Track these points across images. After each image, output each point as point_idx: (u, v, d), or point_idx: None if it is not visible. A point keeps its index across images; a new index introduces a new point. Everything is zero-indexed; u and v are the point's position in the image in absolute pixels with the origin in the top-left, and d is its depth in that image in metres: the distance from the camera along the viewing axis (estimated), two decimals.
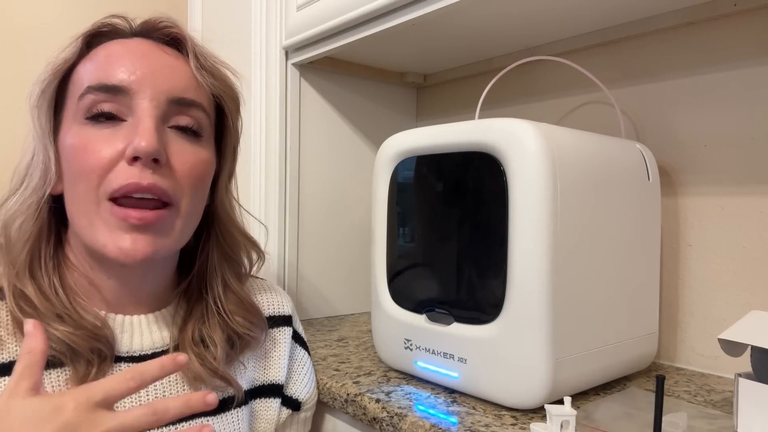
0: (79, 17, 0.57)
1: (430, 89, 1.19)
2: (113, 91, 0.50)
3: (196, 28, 1.26)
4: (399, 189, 0.72)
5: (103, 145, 0.50)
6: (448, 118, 1.15)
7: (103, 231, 0.50)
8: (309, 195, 1.04)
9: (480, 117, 0.66)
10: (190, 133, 0.54)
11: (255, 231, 1.05)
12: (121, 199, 0.49)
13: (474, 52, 1.01)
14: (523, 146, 0.57)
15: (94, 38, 0.55)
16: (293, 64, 1.01)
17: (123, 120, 0.51)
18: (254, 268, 0.66)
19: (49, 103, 0.53)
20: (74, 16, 1.19)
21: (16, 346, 0.50)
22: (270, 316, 0.67)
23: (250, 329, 0.60)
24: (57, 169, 0.53)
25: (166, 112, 0.52)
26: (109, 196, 0.49)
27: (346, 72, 1.08)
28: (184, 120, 0.53)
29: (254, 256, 0.66)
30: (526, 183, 0.57)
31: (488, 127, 0.60)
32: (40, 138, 0.53)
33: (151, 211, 0.50)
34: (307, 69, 1.03)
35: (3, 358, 0.50)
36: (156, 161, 0.50)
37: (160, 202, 0.51)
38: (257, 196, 1.03)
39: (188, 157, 0.53)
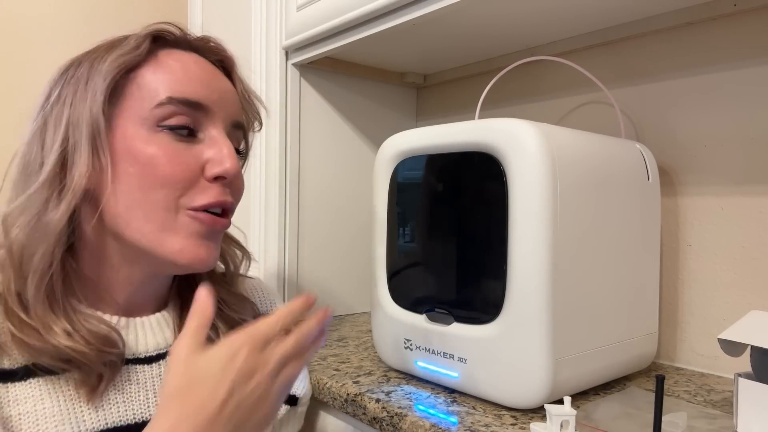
0: (81, 19, 0.56)
1: (430, 89, 1.19)
2: (194, 106, 0.52)
3: (196, 28, 1.26)
4: (399, 189, 0.72)
5: (186, 157, 0.51)
6: (448, 118, 1.15)
7: (179, 237, 0.51)
8: (309, 195, 1.04)
9: (480, 117, 0.66)
10: (242, 149, 0.59)
11: (255, 234, 1.05)
12: (202, 210, 0.52)
13: (474, 52, 1.01)
14: (523, 146, 0.57)
15: (154, 42, 0.54)
16: (293, 64, 1.01)
17: (196, 134, 0.53)
18: (242, 266, 0.66)
19: (106, 100, 0.50)
20: (76, 18, 1.19)
21: (23, 353, 0.48)
22: (262, 314, 0.67)
23: (241, 314, 0.62)
24: (113, 168, 0.50)
25: (228, 133, 0.55)
26: (190, 207, 0.51)
27: (346, 72, 1.08)
28: (236, 141, 0.57)
29: (239, 254, 0.66)
30: (526, 183, 0.57)
31: (488, 127, 0.60)
32: (100, 135, 0.50)
33: (225, 219, 0.54)
34: (307, 69, 1.03)
35: (12, 364, 0.48)
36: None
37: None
38: (257, 196, 1.03)
39: (241, 173, 0.57)
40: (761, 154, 0.72)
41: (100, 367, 0.50)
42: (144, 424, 0.51)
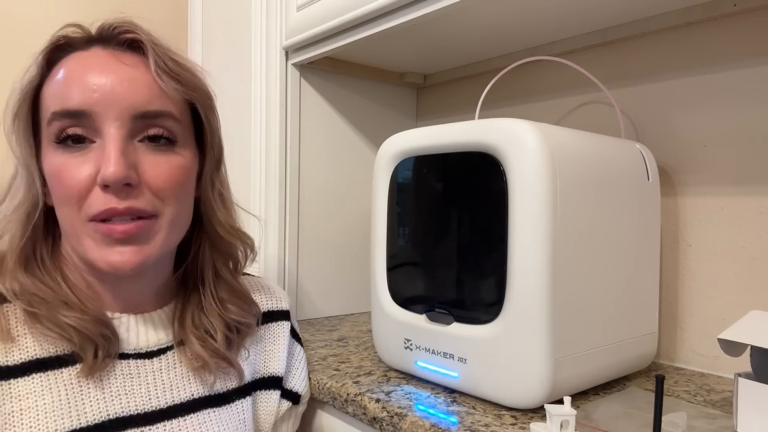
0: (79, 15, 0.56)
1: (430, 89, 1.19)
2: (76, 115, 0.50)
3: (196, 28, 1.26)
4: (399, 189, 0.72)
5: (76, 171, 0.50)
6: (448, 118, 1.15)
7: (92, 248, 0.51)
8: (309, 195, 1.04)
9: (480, 117, 0.66)
10: (163, 142, 0.53)
11: (255, 234, 1.05)
12: (98, 220, 0.51)
13: (474, 52, 1.01)
14: (522, 146, 0.57)
15: (54, 54, 0.54)
16: (293, 65, 1.01)
17: (92, 141, 0.51)
18: (248, 261, 0.67)
19: (25, 126, 0.53)
20: (74, 15, 1.19)
21: (29, 344, 0.51)
22: (268, 311, 0.68)
23: (242, 316, 0.62)
24: (42, 187, 0.53)
25: (132, 128, 0.51)
26: (90, 218, 0.50)
27: (346, 72, 1.08)
28: (153, 131, 0.53)
29: (247, 250, 0.66)
30: (526, 183, 0.57)
31: (488, 127, 0.60)
32: (21, 161, 0.53)
33: (133, 223, 0.51)
34: (307, 69, 1.03)
35: (15, 360, 0.50)
36: (128, 185, 0.50)
37: (139, 217, 0.52)
38: (257, 195, 1.03)
39: (162, 169, 0.53)
40: (761, 154, 0.72)
41: (98, 339, 0.52)
42: (145, 415, 0.54)
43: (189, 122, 0.57)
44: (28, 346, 0.51)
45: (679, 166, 0.80)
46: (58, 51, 0.54)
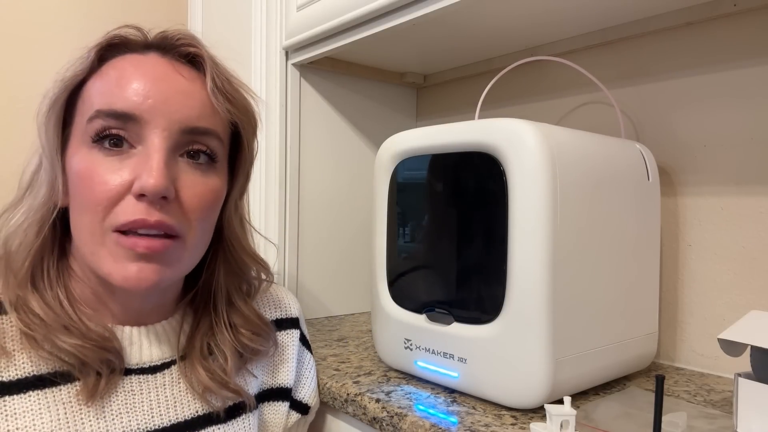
0: (79, 18, 0.55)
1: (430, 89, 1.19)
2: (123, 118, 0.48)
3: (196, 28, 1.26)
4: (399, 189, 0.72)
5: (111, 175, 0.48)
6: (448, 118, 1.15)
7: (108, 260, 0.48)
8: (309, 195, 1.04)
9: (480, 117, 0.66)
10: (203, 159, 0.52)
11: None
12: (124, 230, 0.48)
13: (474, 52, 1.01)
14: (522, 146, 0.57)
15: (107, 51, 0.52)
16: (293, 65, 1.01)
17: (132, 147, 0.49)
18: (262, 285, 0.65)
19: (57, 119, 0.51)
20: (74, 17, 1.19)
21: (25, 360, 0.49)
22: (277, 319, 0.66)
23: (256, 342, 0.60)
24: (64, 186, 0.51)
25: (178, 141, 0.50)
26: (114, 229, 0.48)
27: (346, 72, 1.08)
28: (196, 146, 0.51)
29: (262, 276, 0.64)
30: (526, 183, 0.57)
31: (488, 127, 0.60)
32: (47, 154, 0.51)
33: (159, 240, 0.49)
34: (307, 69, 1.03)
35: (11, 376, 0.48)
36: (164, 198, 0.48)
37: (166, 235, 0.50)
38: (257, 196, 1.03)
39: (198, 189, 0.51)
40: (761, 154, 0.72)
41: (98, 365, 0.50)
42: None
43: (228, 146, 0.56)
44: (25, 362, 0.49)
45: (679, 166, 0.80)
46: (111, 49, 0.52)
